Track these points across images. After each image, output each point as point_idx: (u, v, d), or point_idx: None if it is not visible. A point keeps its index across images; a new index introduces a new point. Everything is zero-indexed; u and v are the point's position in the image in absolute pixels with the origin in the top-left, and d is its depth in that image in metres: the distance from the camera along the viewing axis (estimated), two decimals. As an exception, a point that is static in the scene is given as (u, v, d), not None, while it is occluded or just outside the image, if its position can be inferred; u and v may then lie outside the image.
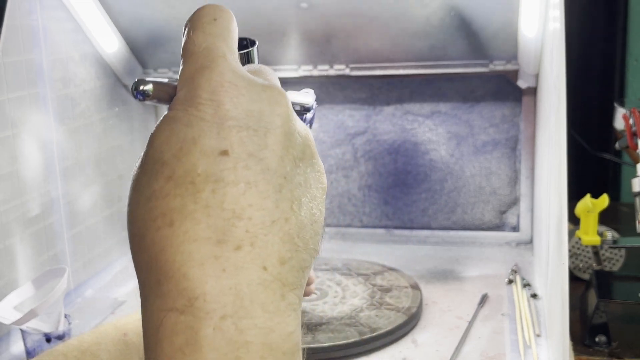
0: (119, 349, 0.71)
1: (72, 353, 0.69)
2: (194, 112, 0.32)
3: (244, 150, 0.32)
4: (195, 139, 0.31)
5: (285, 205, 0.32)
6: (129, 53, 1.13)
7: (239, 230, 0.31)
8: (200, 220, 0.30)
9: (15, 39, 0.90)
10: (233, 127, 0.32)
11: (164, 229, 0.30)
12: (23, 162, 0.91)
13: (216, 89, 0.32)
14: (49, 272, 0.85)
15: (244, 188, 0.31)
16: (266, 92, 0.33)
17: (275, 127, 0.33)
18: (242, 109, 0.32)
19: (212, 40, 0.35)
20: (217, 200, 0.31)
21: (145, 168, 0.32)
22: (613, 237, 0.94)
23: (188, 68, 0.34)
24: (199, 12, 0.36)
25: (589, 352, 0.85)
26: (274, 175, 0.32)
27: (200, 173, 0.31)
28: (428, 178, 1.20)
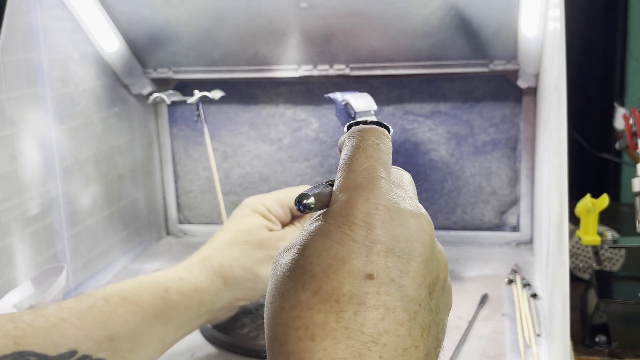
0: (158, 304, 0.72)
1: (113, 298, 0.69)
2: (347, 231, 0.34)
3: (387, 276, 0.33)
4: (345, 258, 0.33)
5: (417, 332, 0.34)
6: (129, 53, 1.13)
7: (373, 354, 0.32)
8: (340, 339, 0.32)
9: (14, 38, 0.90)
10: (380, 252, 0.33)
11: (305, 342, 0.32)
12: (22, 161, 0.91)
13: (371, 212, 0.34)
14: (48, 270, 0.85)
15: (384, 313, 0.33)
16: (414, 218, 0.35)
17: (418, 254, 0.34)
18: (390, 235, 0.34)
19: (373, 163, 0.37)
20: (358, 323, 0.32)
21: (293, 275, 0.34)
22: (613, 237, 0.94)
23: (347, 182, 0.36)
24: (365, 134, 0.39)
25: (589, 352, 0.85)
26: (410, 303, 0.34)
27: (345, 293, 0.33)
28: (428, 178, 1.20)
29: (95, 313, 0.67)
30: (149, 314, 0.70)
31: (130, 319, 0.68)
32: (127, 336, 0.68)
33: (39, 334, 0.63)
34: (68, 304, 0.67)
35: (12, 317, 0.63)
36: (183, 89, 1.12)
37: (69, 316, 0.66)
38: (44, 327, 0.63)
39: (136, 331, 0.69)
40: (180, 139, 1.27)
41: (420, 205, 0.37)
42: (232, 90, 1.21)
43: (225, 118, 1.24)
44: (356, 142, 0.38)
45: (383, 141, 0.39)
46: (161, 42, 1.11)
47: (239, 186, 1.26)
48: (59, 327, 0.64)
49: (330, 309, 0.32)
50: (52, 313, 0.65)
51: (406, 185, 0.39)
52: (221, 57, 1.13)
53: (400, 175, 0.40)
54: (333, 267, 0.33)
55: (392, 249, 0.34)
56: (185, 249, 1.23)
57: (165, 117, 1.26)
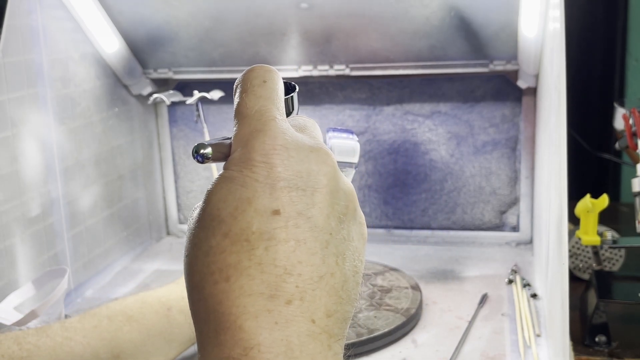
0: (161, 322, 0.73)
1: (117, 317, 0.71)
2: (249, 173, 0.35)
3: (293, 210, 0.34)
4: (250, 199, 0.34)
5: (331, 260, 0.35)
6: (129, 53, 1.13)
7: (289, 285, 0.33)
8: (254, 276, 0.33)
9: (15, 39, 0.90)
10: (284, 188, 0.34)
11: (221, 284, 0.33)
12: (23, 162, 0.91)
13: (269, 152, 0.35)
14: (50, 272, 0.85)
15: (294, 246, 0.34)
16: (313, 152, 0.36)
17: (322, 186, 0.36)
18: (292, 170, 0.35)
19: (263, 103, 0.37)
20: (270, 258, 0.33)
21: (202, 223, 0.35)
22: (613, 237, 0.94)
23: (242, 130, 0.37)
24: (249, 74, 0.39)
25: (589, 352, 0.85)
26: (320, 232, 0.35)
27: (254, 231, 0.34)
28: (428, 178, 1.20)
29: (100, 332, 0.68)
30: (152, 332, 0.71)
31: (134, 337, 0.70)
32: (131, 353, 0.69)
33: (45, 354, 0.64)
34: (72, 323, 0.68)
35: (16, 339, 0.64)
36: (183, 89, 1.12)
37: (74, 335, 0.66)
38: (50, 347, 0.64)
39: (141, 349, 0.70)
40: (181, 139, 1.27)
41: (320, 141, 0.38)
42: (233, 90, 1.21)
43: (226, 118, 1.24)
44: (242, 86, 0.39)
45: (270, 78, 0.39)
46: (161, 43, 1.11)
47: (239, 186, 1.26)
48: (65, 346, 0.65)
49: (241, 249, 0.33)
50: (57, 332, 0.66)
51: (310, 127, 0.39)
52: (221, 57, 1.13)
53: (304, 120, 0.40)
54: (239, 208, 0.34)
55: (295, 183, 0.35)
56: (186, 249, 1.23)
57: (166, 118, 1.26)
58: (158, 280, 1.09)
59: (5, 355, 0.62)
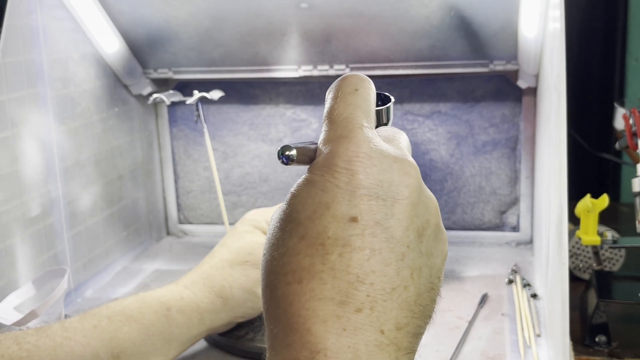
0: (161, 322, 0.73)
1: (116, 317, 0.71)
2: (330, 178, 0.35)
3: (371, 218, 0.34)
4: (328, 203, 0.34)
5: (406, 273, 0.35)
6: (129, 53, 1.13)
7: (361, 293, 0.33)
8: (326, 280, 0.33)
9: (15, 39, 0.90)
10: (364, 196, 0.34)
11: (293, 285, 0.33)
12: (23, 162, 0.91)
13: (352, 159, 0.35)
14: (50, 272, 0.85)
15: (369, 254, 0.34)
16: (397, 163, 0.36)
17: (403, 197, 0.35)
18: (373, 179, 0.35)
19: (352, 111, 0.38)
20: (344, 264, 0.33)
21: (281, 224, 0.35)
22: (613, 237, 0.94)
23: (329, 135, 0.37)
24: (342, 82, 0.40)
25: (589, 352, 0.85)
26: (397, 244, 0.35)
27: (330, 236, 0.34)
28: (428, 178, 1.20)
29: (100, 332, 0.68)
30: (152, 332, 0.71)
31: (134, 337, 0.70)
32: (131, 353, 0.69)
33: (44, 354, 0.64)
34: (72, 323, 0.68)
35: (16, 339, 0.64)
36: (183, 89, 1.12)
37: (74, 335, 0.66)
38: (50, 347, 0.64)
39: (140, 349, 0.70)
40: (181, 139, 1.27)
41: (406, 153, 0.38)
42: (232, 91, 1.21)
43: (226, 118, 1.24)
44: (334, 93, 0.39)
45: (363, 86, 0.40)
46: (161, 43, 1.11)
47: (239, 186, 1.26)
48: (65, 346, 0.65)
49: (316, 252, 0.33)
50: (57, 332, 0.66)
51: (397, 139, 0.39)
52: (221, 57, 1.13)
53: (393, 131, 0.40)
54: (318, 212, 0.34)
55: (375, 192, 0.35)
56: (186, 249, 1.24)
57: (166, 118, 1.26)
58: (158, 280, 1.09)
59: (5, 355, 0.62)
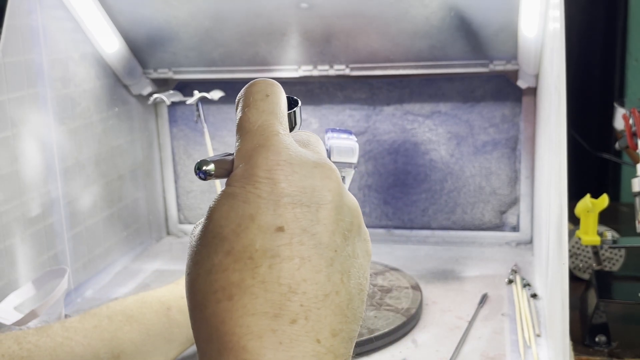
0: (161, 322, 0.73)
1: (117, 317, 0.71)
2: (252, 189, 0.34)
3: (298, 226, 0.33)
4: (253, 215, 0.33)
5: (336, 278, 0.34)
6: (129, 53, 1.13)
7: (294, 304, 0.32)
8: (258, 294, 0.32)
9: (15, 39, 0.90)
10: (288, 204, 0.34)
11: (224, 302, 0.32)
12: (23, 162, 0.91)
13: (272, 168, 0.34)
14: (50, 272, 0.85)
15: (299, 263, 0.33)
16: (318, 168, 0.35)
17: (327, 202, 0.35)
18: (296, 186, 0.34)
19: (266, 118, 0.36)
20: (274, 276, 0.32)
21: (204, 241, 0.34)
22: (613, 237, 0.94)
23: (245, 146, 0.36)
24: (251, 88, 0.38)
25: (589, 352, 0.85)
26: (325, 249, 0.34)
27: (257, 248, 0.33)
28: (428, 178, 1.20)
29: (101, 332, 0.68)
30: (152, 331, 0.71)
31: (134, 336, 0.70)
32: (132, 353, 0.69)
33: (45, 353, 0.63)
34: (72, 323, 0.68)
35: (17, 339, 0.64)
36: (183, 89, 1.12)
37: (75, 335, 0.66)
38: (50, 347, 0.64)
39: (141, 348, 0.70)
40: (181, 139, 1.27)
41: (324, 156, 0.37)
42: (232, 91, 1.21)
43: (225, 118, 1.24)
44: (244, 101, 0.38)
45: (273, 92, 0.38)
46: (161, 43, 1.11)
47: (239, 186, 1.26)
48: (65, 346, 0.65)
49: (244, 267, 0.32)
50: (57, 332, 0.66)
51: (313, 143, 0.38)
52: (221, 57, 1.13)
53: (308, 135, 0.39)
54: (242, 225, 0.33)
55: (299, 199, 0.34)
56: (186, 249, 1.23)
57: (166, 118, 1.26)
58: (158, 280, 1.09)
59: (5, 355, 0.62)
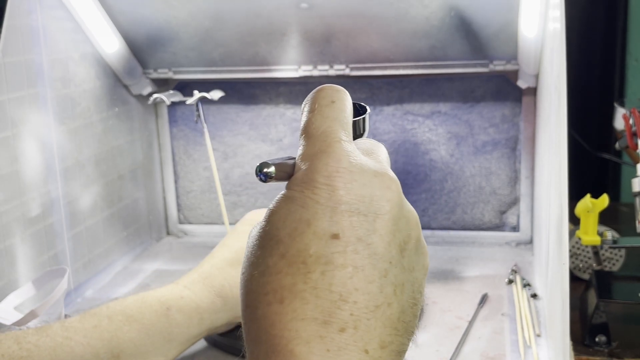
0: (161, 322, 0.73)
1: (116, 317, 0.71)
2: (310, 194, 0.34)
3: (353, 235, 0.33)
4: (309, 220, 0.33)
5: (389, 290, 0.34)
6: (129, 53, 1.13)
7: (344, 312, 0.32)
8: (309, 300, 0.32)
9: (15, 39, 0.90)
10: (345, 212, 0.34)
11: (274, 305, 0.32)
12: (23, 162, 0.91)
13: (332, 175, 0.34)
14: (50, 272, 0.85)
15: (352, 272, 0.33)
16: (377, 177, 0.35)
17: (385, 212, 0.35)
18: (354, 194, 0.34)
19: (330, 124, 0.37)
20: (326, 282, 0.32)
21: (261, 242, 0.34)
22: (613, 237, 0.94)
23: (307, 150, 0.36)
24: (318, 94, 0.38)
25: (589, 352, 0.85)
26: (380, 260, 0.34)
27: (312, 254, 0.33)
28: (428, 178, 1.20)
29: (100, 331, 0.68)
30: (152, 331, 0.71)
31: (134, 336, 0.70)
32: (131, 353, 0.69)
33: (45, 353, 0.63)
34: (72, 323, 0.68)
35: (17, 338, 0.64)
36: (183, 89, 1.12)
37: (74, 335, 0.66)
38: (50, 347, 0.64)
39: (140, 348, 0.70)
40: (181, 139, 1.27)
41: (386, 167, 0.37)
42: (232, 91, 1.21)
43: (226, 118, 1.24)
44: (310, 106, 0.38)
45: (339, 98, 0.39)
46: (161, 43, 1.11)
47: (239, 186, 1.26)
48: (65, 346, 0.65)
49: (297, 271, 0.33)
50: (57, 332, 0.66)
51: (376, 152, 0.39)
52: (221, 57, 1.13)
53: (372, 143, 0.40)
54: (298, 230, 0.33)
55: (357, 208, 0.34)
56: (186, 249, 1.24)
57: (166, 118, 1.26)
58: (158, 280, 1.09)
59: (5, 355, 0.62)
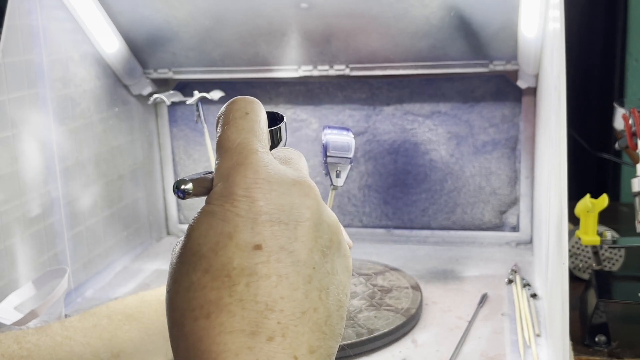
0: (160, 320, 0.73)
1: (116, 316, 0.71)
2: (230, 207, 0.34)
3: (275, 244, 0.34)
4: (231, 233, 0.33)
5: (314, 295, 0.34)
6: (129, 53, 1.13)
7: (271, 322, 0.32)
8: (235, 312, 0.32)
9: (15, 40, 0.90)
10: (266, 222, 0.34)
11: (201, 320, 0.32)
12: (23, 162, 0.91)
13: (250, 186, 0.34)
14: (50, 272, 0.85)
15: (276, 281, 0.33)
16: (296, 185, 0.35)
17: (305, 219, 0.35)
18: (274, 204, 0.34)
19: (245, 136, 0.37)
20: (251, 293, 0.33)
21: (183, 259, 0.34)
22: (613, 237, 0.94)
23: (224, 163, 0.36)
24: (230, 107, 0.38)
25: (589, 352, 0.85)
26: (303, 267, 0.34)
27: (235, 266, 0.33)
28: (428, 178, 1.20)
29: (100, 331, 0.68)
30: (152, 330, 0.71)
31: (134, 335, 0.70)
32: (131, 352, 0.69)
33: (45, 353, 0.63)
34: (72, 322, 0.68)
35: (17, 338, 0.64)
36: (183, 89, 1.12)
37: (74, 334, 0.66)
38: (50, 346, 0.64)
39: (140, 347, 0.70)
40: (181, 139, 1.27)
41: (304, 174, 0.37)
42: (232, 91, 1.21)
43: (226, 118, 1.24)
44: (224, 119, 0.38)
45: (252, 109, 0.38)
46: (161, 43, 1.11)
47: (239, 186, 1.26)
48: (65, 346, 0.65)
49: (222, 285, 0.33)
50: (57, 332, 0.66)
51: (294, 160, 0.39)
52: (221, 57, 1.13)
53: (289, 152, 0.39)
54: (220, 243, 0.33)
55: (277, 217, 0.34)
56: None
57: (166, 118, 1.26)
58: (158, 280, 1.09)
59: (5, 355, 0.62)
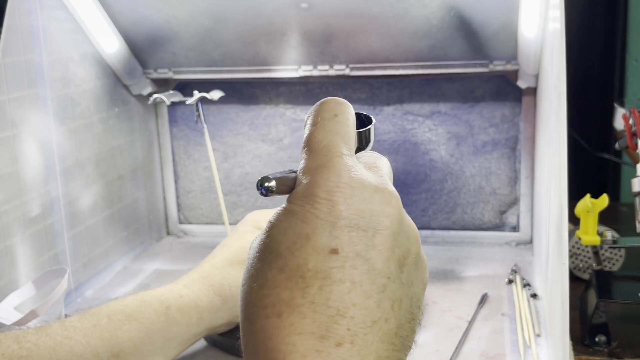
0: (160, 321, 0.73)
1: (116, 316, 0.71)
2: (310, 209, 0.34)
3: (352, 250, 0.34)
4: (309, 235, 0.34)
5: (387, 305, 0.34)
6: (129, 53, 1.13)
7: (341, 327, 0.32)
8: (306, 314, 0.32)
9: (15, 39, 0.90)
10: (344, 227, 0.34)
11: (272, 319, 0.33)
12: (23, 162, 0.91)
13: (332, 190, 0.34)
14: (50, 272, 0.85)
15: (350, 287, 0.33)
16: (378, 193, 0.36)
17: (384, 228, 0.35)
18: (354, 209, 0.34)
19: (332, 138, 0.37)
20: (324, 297, 0.33)
21: (261, 255, 0.35)
22: (613, 237, 0.94)
23: (308, 164, 0.36)
24: (321, 107, 0.38)
25: (589, 352, 0.85)
26: (378, 276, 0.34)
27: (310, 268, 0.33)
28: (428, 178, 1.20)
29: (100, 330, 0.68)
30: (152, 330, 0.71)
31: (134, 335, 0.70)
32: (131, 352, 0.69)
33: (45, 353, 0.63)
34: (72, 322, 0.68)
35: (16, 338, 0.64)
36: (183, 89, 1.12)
37: (74, 334, 0.66)
38: (50, 346, 0.64)
39: (140, 347, 0.70)
40: (181, 139, 1.27)
41: (387, 181, 0.37)
42: (232, 91, 1.21)
43: (226, 118, 1.24)
44: (313, 119, 0.38)
45: (342, 111, 0.38)
46: (161, 43, 1.11)
47: (239, 186, 1.26)
48: (65, 345, 0.65)
49: (295, 285, 0.33)
50: (57, 332, 0.66)
51: (378, 166, 0.39)
52: (221, 57, 1.13)
53: (374, 157, 0.40)
54: (298, 244, 0.33)
55: (356, 223, 0.34)
56: (186, 249, 1.24)
57: (166, 118, 1.26)
58: (158, 280, 1.09)
59: (5, 354, 0.62)
